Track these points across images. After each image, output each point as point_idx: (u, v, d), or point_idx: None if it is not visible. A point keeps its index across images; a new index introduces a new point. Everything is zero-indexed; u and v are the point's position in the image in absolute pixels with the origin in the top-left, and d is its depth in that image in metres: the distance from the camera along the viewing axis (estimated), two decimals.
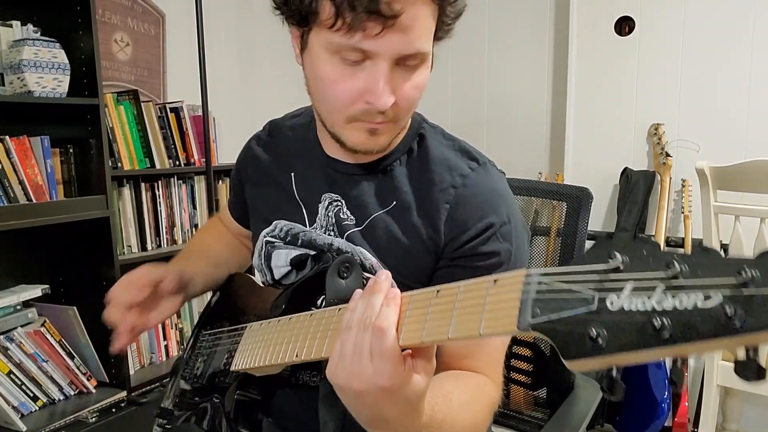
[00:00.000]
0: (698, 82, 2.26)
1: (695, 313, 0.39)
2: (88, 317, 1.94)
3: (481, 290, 0.54)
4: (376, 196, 0.87)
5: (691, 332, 0.38)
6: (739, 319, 0.37)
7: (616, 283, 0.43)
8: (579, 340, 0.43)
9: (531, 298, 0.48)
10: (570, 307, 0.44)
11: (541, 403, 1.42)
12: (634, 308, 0.41)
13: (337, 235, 0.89)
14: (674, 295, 0.40)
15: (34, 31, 1.85)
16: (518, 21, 2.64)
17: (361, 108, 0.75)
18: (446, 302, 0.56)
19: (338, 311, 0.70)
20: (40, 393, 1.84)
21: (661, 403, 2.08)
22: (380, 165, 0.87)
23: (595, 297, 0.43)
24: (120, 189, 2.14)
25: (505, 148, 2.71)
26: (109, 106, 2.07)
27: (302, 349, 0.70)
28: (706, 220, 1.79)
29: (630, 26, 2.38)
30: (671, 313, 0.39)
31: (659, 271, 0.41)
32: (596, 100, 2.46)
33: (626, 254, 0.43)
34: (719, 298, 0.38)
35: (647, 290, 0.41)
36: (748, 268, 0.38)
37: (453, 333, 0.54)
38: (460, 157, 0.87)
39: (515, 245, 0.83)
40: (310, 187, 0.92)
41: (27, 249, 2.02)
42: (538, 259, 1.74)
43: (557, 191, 1.44)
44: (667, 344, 0.39)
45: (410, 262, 0.85)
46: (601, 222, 2.49)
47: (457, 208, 0.82)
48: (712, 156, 2.15)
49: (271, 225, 0.96)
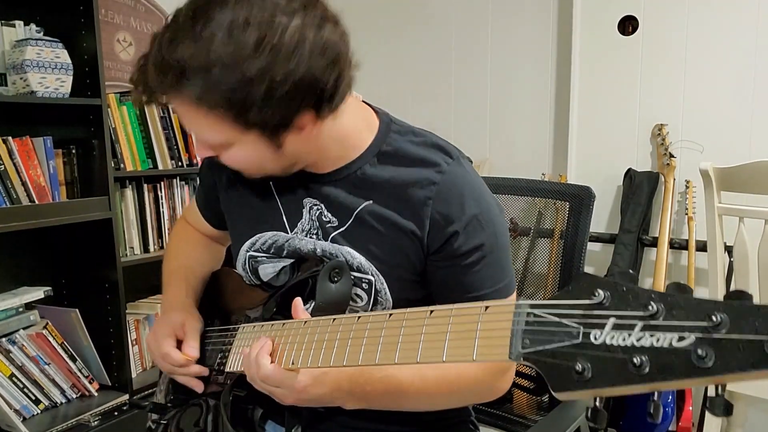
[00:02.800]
0: (702, 82, 2.25)
1: (671, 352, 0.42)
2: (90, 319, 1.94)
3: (473, 315, 0.57)
4: (350, 199, 0.89)
5: (667, 371, 0.42)
6: (709, 361, 0.40)
7: (599, 319, 0.46)
8: (566, 373, 0.46)
9: (521, 329, 0.51)
10: (558, 340, 0.48)
11: (544, 408, 1.42)
12: (616, 343, 0.45)
13: (321, 237, 0.91)
14: (652, 334, 0.43)
15: (37, 31, 1.85)
16: (521, 21, 2.62)
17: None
18: (440, 324, 0.60)
19: (333, 321, 0.71)
20: (42, 396, 1.83)
21: (665, 407, 2.07)
22: (347, 171, 0.89)
23: (580, 331, 0.47)
24: (122, 190, 2.13)
25: (507, 148, 2.69)
26: (111, 106, 2.06)
27: (298, 357, 0.73)
28: (710, 221, 1.78)
29: (633, 26, 2.37)
30: (649, 350, 0.43)
31: (638, 310, 0.44)
32: (599, 101, 2.45)
33: (608, 290, 0.47)
34: (692, 339, 0.42)
35: (627, 328, 0.45)
36: (718, 312, 0.41)
37: (447, 357, 0.57)
38: (435, 152, 0.89)
39: (496, 227, 0.88)
40: (291, 192, 0.93)
41: (29, 250, 2.02)
42: (541, 262, 1.74)
43: (559, 191, 1.44)
44: (646, 381, 0.43)
45: (397, 253, 0.87)
46: (604, 224, 2.48)
47: (440, 203, 0.85)
48: (716, 157, 2.14)
49: (252, 238, 0.96)
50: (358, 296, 0.90)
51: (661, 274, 2.17)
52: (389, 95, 2.75)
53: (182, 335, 0.95)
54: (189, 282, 1.06)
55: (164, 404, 1.03)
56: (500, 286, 0.88)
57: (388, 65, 2.85)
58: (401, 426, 0.95)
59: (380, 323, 0.65)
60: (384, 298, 0.89)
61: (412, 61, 2.83)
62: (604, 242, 2.44)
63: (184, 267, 1.09)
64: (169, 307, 1.02)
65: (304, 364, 0.72)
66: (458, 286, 0.87)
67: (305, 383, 0.75)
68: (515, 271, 1.69)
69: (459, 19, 2.73)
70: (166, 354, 0.93)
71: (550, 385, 0.47)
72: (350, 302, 0.89)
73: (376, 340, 0.64)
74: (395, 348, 0.62)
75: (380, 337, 0.64)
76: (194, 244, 1.15)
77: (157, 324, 0.99)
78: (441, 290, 0.89)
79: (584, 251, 1.33)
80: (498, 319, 0.54)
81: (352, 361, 0.66)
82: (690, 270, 2.19)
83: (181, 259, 1.12)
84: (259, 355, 0.76)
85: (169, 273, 1.09)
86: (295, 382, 0.75)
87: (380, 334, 0.64)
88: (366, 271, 0.88)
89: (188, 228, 1.18)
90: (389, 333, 0.63)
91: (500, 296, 0.88)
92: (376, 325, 0.65)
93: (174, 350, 0.94)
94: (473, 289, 0.86)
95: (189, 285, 1.05)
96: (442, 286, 0.89)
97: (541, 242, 1.86)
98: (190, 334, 0.95)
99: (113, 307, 1.98)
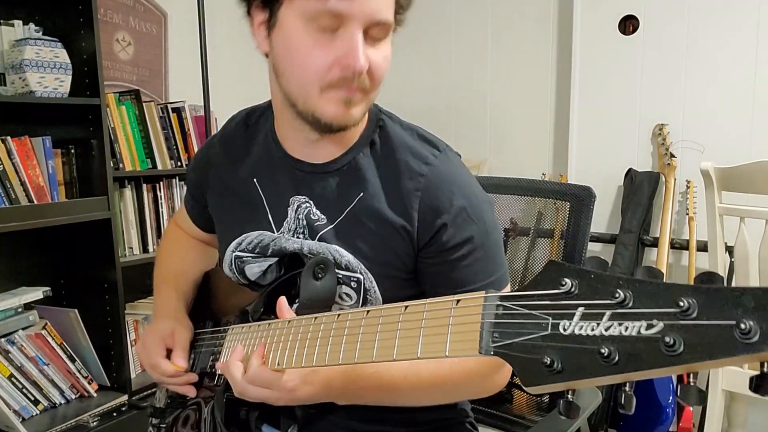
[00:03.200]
0: (703, 82, 2.25)
1: (639, 341, 0.41)
2: (89, 320, 1.93)
3: (444, 310, 0.56)
4: (343, 190, 0.88)
5: (636, 361, 0.41)
6: (677, 348, 0.39)
7: (567, 309, 0.45)
8: (536, 367, 0.45)
9: (490, 321, 0.50)
10: (526, 332, 0.47)
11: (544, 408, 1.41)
12: (584, 333, 0.44)
13: (307, 237, 0.90)
14: (620, 323, 0.42)
15: (36, 31, 1.84)
16: (521, 20, 2.62)
17: (337, 75, 0.77)
18: (414, 320, 0.60)
19: (314, 320, 0.71)
20: (41, 397, 1.83)
21: (666, 407, 2.07)
22: (343, 160, 0.88)
23: (549, 322, 0.46)
24: (121, 190, 2.13)
25: (508, 148, 2.69)
26: (110, 106, 2.06)
27: (283, 357, 0.73)
28: (711, 221, 1.78)
29: (634, 25, 2.36)
30: (617, 339, 0.42)
31: (606, 299, 0.43)
32: (600, 101, 2.44)
33: (576, 278, 0.45)
34: (660, 326, 0.40)
35: (596, 316, 0.43)
36: (686, 297, 0.40)
37: (421, 353, 0.57)
38: (422, 144, 0.89)
39: (486, 221, 0.87)
40: (277, 191, 0.92)
41: (28, 251, 2.01)
42: (541, 262, 1.73)
43: (560, 191, 1.44)
44: (615, 371, 0.42)
45: (386, 250, 0.86)
46: (605, 224, 2.48)
47: (428, 195, 0.85)
48: (717, 157, 2.13)
49: (238, 238, 0.96)
50: (347, 295, 0.89)
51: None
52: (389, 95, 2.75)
53: (171, 344, 0.95)
54: (179, 287, 1.05)
55: (163, 408, 1.03)
56: (492, 280, 0.87)
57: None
58: (398, 427, 0.95)
59: (358, 320, 0.65)
60: (373, 297, 0.88)
61: (412, 60, 2.83)
62: (604, 242, 2.43)
63: (174, 272, 1.09)
64: (158, 315, 1.01)
65: (288, 364, 0.72)
66: (449, 281, 0.86)
67: (294, 383, 0.75)
68: (515, 271, 1.69)
69: (459, 18, 2.72)
70: (155, 365, 0.93)
71: (520, 379, 0.46)
72: (339, 301, 0.88)
73: (354, 338, 0.64)
74: (373, 346, 0.61)
75: (359, 334, 0.64)
76: (186, 248, 1.14)
77: (146, 333, 0.98)
78: (432, 287, 0.88)
79: (584, 251, 1.32)
80: (468, 312, 0.53)
81: (333, 360, 0.66)
82: (691, 270, 2.19)
83: (172, 263, 1.11)
84: (229, 363, 0.78)
85: (159, 279, 1.08)
86: (282, 383, 0.75)
87: (359, 332, 0.64)
88: (355, 269, 0.87)
89: (179, 231, 1.17)
90: (367, 330, 0.63)
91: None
92: (355, 323, 0.65)
93: (163, 360, 0.93)
94: (464, 284, 0.85)
95: (179, 291, 1.05)
96: (433, 283, 0.88)
97: (541, 242, 1.85)
98: (179, 344, 0.94)
99: (112, 307, 1.98)
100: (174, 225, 1.19)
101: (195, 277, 1.10)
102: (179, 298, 1.03)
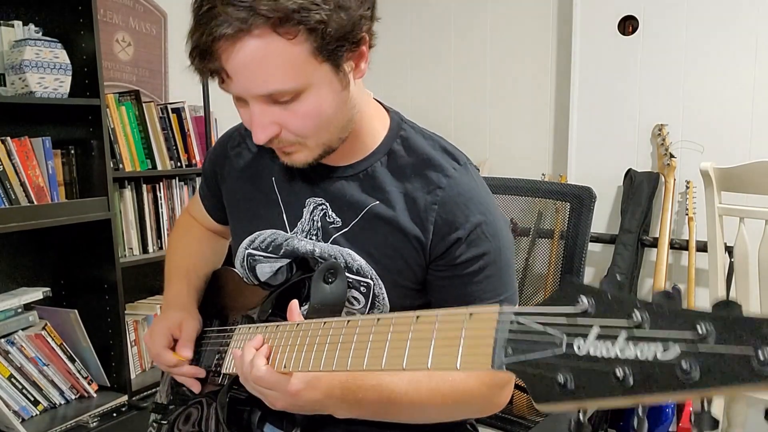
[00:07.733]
0: (702, 82, 2.25)
1: (654, 365, 0.40)
2: (89, 320, 1.93)
3: (457, 322, 0.56)
4: (360, 196, 0.88)
5: (651, 384, 0.40)
6: (694, 375, 0.39)
7: (582, 328, 0.45)
8: (548, 385, 0.45)
9: (504, 337, 0.50)
10: (540, 349, 0.46)
11: None
12: (599, 354, 0.43)
13: (321, 239, 0.90)
14: (636, 345, 0.42)
15: (36, 31, 1.84)
16: (521, 20, 2.62)
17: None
18: (425, 330, 0.59)
19: (323, 324, 0.71)
20: (41, 397, 1.83)
21: (666, 408, 2.07)
22: (361, 166, 0.88)
23: (564, 340, 0.45)
24: (121, 190, 2.13)
25: (507, 149, 2.69)
26: (110, 106, 2.06)
27: (290, 360, 0.73)
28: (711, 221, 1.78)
29: (633, 26, 2.36)
30: (632, 362, 0.41)
31: (622, 319, 0.43)
32: (599, 101, 2.44)
33: (592, 297, 0.45)
34: (677, 351, 0.40)
35: (611, 338, 0.43)
36: (704, 323, 0.39)
37: (432, 365, 0.56)
38: (443, 156, 0.88)
39: (501, 239, 0.87)
40: (294, 191, 0.93)
41: (28, 251, 2.01)
42: (541, 263, 1.73)
43: (560, 191, 1.44)
44: (629, 394, 0.41)
45: (398, 259, 0.86)
46: (604, 224, 2.48)
47: (445, 209, 0.84)
48: (717, 157, 2.14)
49: (252, 235, 0.96)
50: (356, 299, 0.89)
51: (661, 275, 2.16)
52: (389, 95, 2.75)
53: (179, 335, 0.95)
54: (190, 280, 1.06)
55: (165, 404, 1.04)
56: (500, 299, 0.86)
57: (388, 64, 2.85)
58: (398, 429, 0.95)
59: (369, 327, 0.64)
60: (381, 303, 0.88)
61: (412, 60, 2.83)
62: (604, 243, 2.43)
63: (186, 263, 1.09)
64: (168, 305, 1.01)
65: (295, 367, 0.72)
66: (458, 296, 0.85)
67: (298, 387, 0.74)
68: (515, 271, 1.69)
69: (458, 18, 2.72)
70: (158, 354, 0.94)
71: (531, 396, 0.46)
72: (347, 305, 0.88)
73: (364, 345, 0.63)
74: (382, 354, 0.60)
75: (368, 342, 0.63)
76: (198, 239, 1.14)
77: (155, 322, 0.99)
78: (440, 300, 0.88)
79: (584, 252, 1.32)
80: (482, 326, 0.52)
81: (341, 366, 0.65)
82: (690, 270, 2.19)
83: (184, 254, 1.11)
84: (255, 357, 0.76)
85: (171, 268, 1.09)
86: (288, 386, 0.74)
87: (368, 339, 0.63)
88: (365, 274, 0.87)
89: (192, 221, 1.17)
90: (377, 338, 0.62)
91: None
92: (365, 330, 0.64)
93: (166, 350, 0.94)
94: (472, 301, 0.85)
95: (190, 283, 1.05)
96: (442, 296, 0.88)
97: (541, 243, 1.85)
98: (186, 335, 0.95)
99: (112, 307, 1.98)
100: (187, 215, 1.19)
101: (206, 269, 1.10)
102: (190, 290, 1.04)
